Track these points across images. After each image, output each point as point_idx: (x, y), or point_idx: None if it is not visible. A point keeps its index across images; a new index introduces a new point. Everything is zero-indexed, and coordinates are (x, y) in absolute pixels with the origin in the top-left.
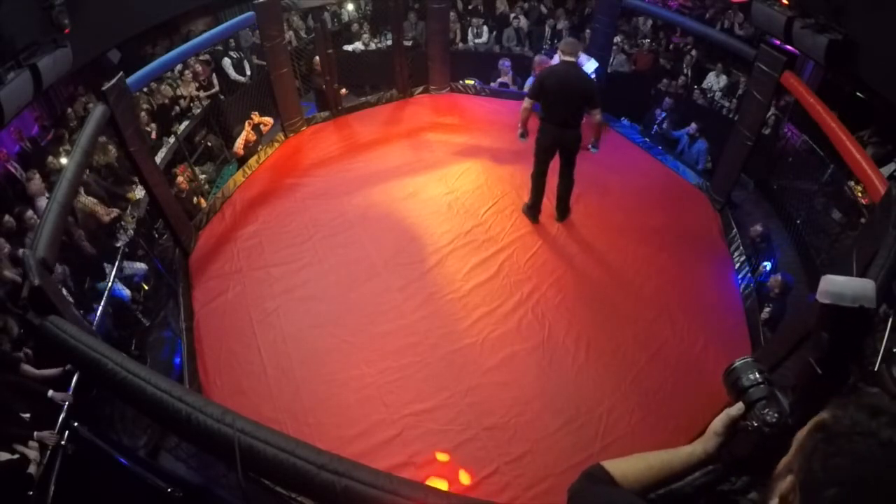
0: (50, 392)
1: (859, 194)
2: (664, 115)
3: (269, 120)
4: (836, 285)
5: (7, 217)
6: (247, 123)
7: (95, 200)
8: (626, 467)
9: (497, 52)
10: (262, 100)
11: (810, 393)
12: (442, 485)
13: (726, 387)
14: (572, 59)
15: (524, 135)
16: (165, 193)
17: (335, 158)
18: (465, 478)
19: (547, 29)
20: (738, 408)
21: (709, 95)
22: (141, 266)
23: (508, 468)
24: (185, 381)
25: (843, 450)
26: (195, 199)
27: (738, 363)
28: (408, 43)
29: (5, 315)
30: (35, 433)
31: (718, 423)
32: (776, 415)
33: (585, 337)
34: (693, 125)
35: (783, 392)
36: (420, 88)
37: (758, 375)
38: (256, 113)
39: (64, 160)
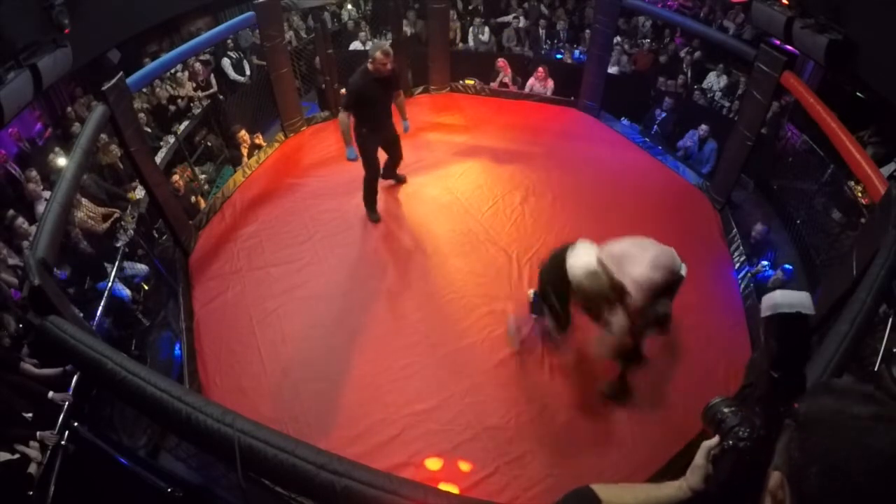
0: (50, 394)
1: (859, 194)
2: (664, 114)
3: (258, 138)
4: (773, 299)
5: (13, 212)
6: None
7: (91, 212)
8: (616, 493)
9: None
10: (262, 100)
11: (773, 401)
12: (442, 485)
13: (705, 423)
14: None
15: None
16: (165, 193)
17: (335, 158)
18: (465, 478)
19: (541, 30)
20: (715, 438)
21: (709, 95)
22: (142, 267)
23: (508, 468)
24: (185, 381)
25: (817, 430)
26: (193, 198)
27: (713, 401)
28: (408, 30)
29: (2, 312)
30: (38, 433)
31: (699, 456)
32: (748, 430)
33: (586, 337)
34: (704, 127)
35: (754, 412)
36: (420, 88)
37: (732, 407)
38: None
39: (63, 160)
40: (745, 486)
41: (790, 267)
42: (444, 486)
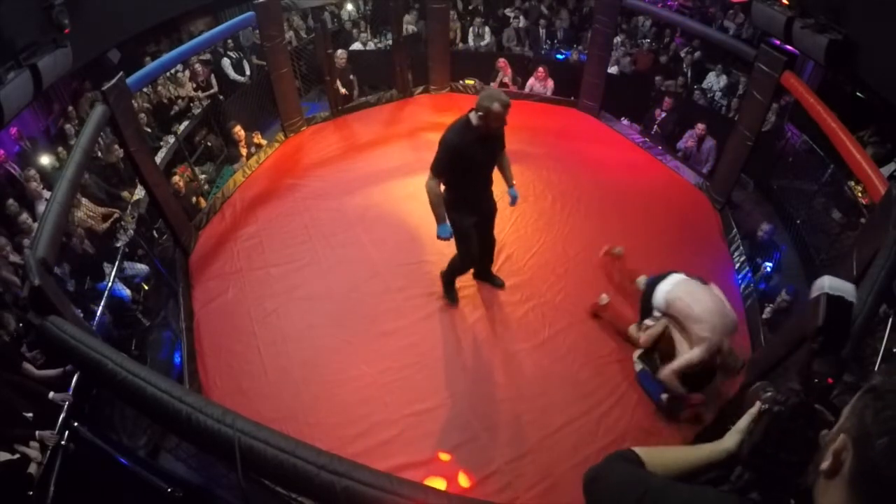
0: (50, 394)
1: (859, 194)
2: (664, 114)
3: (257, 137)
4: (822, 282)
5: (12, 201)
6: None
7: (91, 212)
8: (657, 454)
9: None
10: (262, 100)
11: (810, 372)
12: (442, 485)
13: (748, 400)
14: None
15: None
16: (165, 193)
17: (335, 158)
18: (465, 478)
19: (541, 29)
20: (758, 405)
21: (709, 95)
22: (142, 267)
23: (508, 468)
24: (185, 382)
25: (892, 404)
26: (193, 198)
27: (756, 384)
28: (412, 27)
29: (2, 311)
30: (37, 433)
31: (742, 420)
32: (784, 396)
33: (586, 337)
34: (700, 126)
35: (791, 383)
36: (420, 88)
37: (772, 387)
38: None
39: (47, 159)
40: (771, 453)
41: (792, 287)
42: (444, 487)
